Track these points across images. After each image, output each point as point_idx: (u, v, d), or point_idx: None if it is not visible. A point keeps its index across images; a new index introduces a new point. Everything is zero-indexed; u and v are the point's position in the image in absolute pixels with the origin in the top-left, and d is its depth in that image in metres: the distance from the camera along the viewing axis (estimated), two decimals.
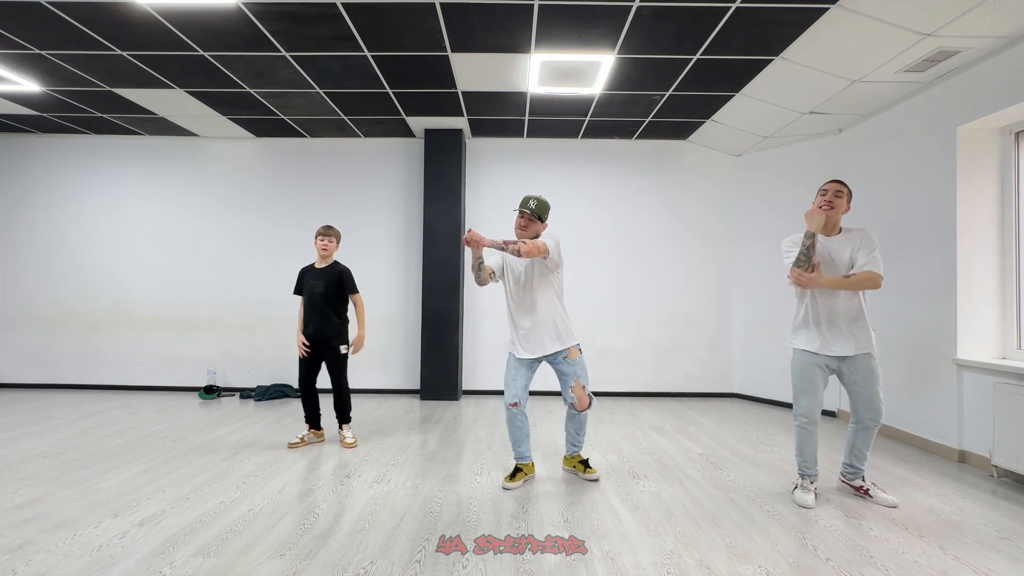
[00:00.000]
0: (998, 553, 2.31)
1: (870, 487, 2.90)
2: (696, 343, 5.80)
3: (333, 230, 3.89)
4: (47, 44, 3.78)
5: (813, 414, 2.85)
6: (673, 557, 2.23)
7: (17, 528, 2.44)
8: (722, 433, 4.29)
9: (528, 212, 2.92)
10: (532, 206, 2.92)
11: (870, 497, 2.88)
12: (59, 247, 5.92)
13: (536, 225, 2.96)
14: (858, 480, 2.95)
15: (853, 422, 2.92)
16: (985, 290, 3.60)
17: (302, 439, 3.79)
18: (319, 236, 3.82)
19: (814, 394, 2.85)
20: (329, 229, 3.88)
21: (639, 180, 5.85)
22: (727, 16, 3.27)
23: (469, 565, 2.15)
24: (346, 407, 3.87)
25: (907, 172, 4.08)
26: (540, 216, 2.94)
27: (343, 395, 3.85)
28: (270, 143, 5.93)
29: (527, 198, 2.95)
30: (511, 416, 3.04)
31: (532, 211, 2.92)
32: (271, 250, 5.89)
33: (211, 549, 2.25)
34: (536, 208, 2.92)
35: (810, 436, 2.87)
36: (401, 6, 3.23)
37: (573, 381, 3.00)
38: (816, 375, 2.84)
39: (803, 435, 2.88)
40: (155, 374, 5.89)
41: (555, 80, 4.27)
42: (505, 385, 3.05)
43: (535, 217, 2.93)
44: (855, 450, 2.93)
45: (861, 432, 2.89)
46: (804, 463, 2.90)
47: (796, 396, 2.90)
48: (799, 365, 2.88)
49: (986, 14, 2.97)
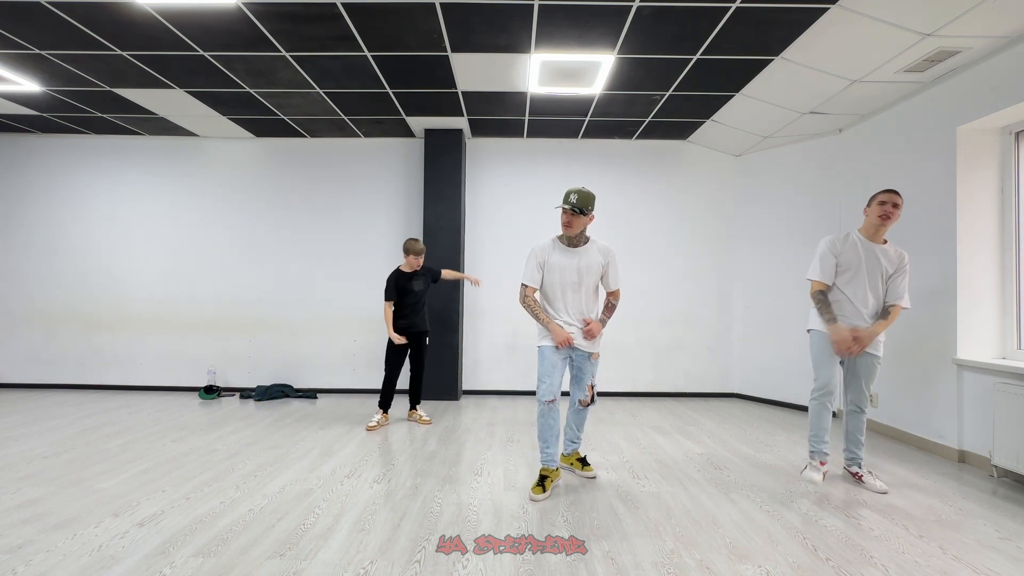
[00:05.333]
0: (998, 553, 2.31)
1: (864, 474, 3.09)
2: (696, 343, 5.80)
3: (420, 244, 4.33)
4: (47, 44, 3.78)
5: (830, 386, 3.06)
6: (673, 557, 2.23)
7: (17, 528, 2.44)
8: (722, 433, 4.29)
9: (569, 208, 2.81)
10: (574, 200, 2.79)
11: (862, 483, 3.06)
12: (59, 247, 5.92)
13: (581, 219, 2.84)
14: (854, 466, 3.14)
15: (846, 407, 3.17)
16: (985, 290, 3.60)
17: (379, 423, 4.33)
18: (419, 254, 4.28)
19: (832, 367, 3.05)
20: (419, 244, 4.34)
21: (639, 180, 5.85)
22: (727, 16, 3.27)
23: (469, 565, 2.15)
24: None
25: (907, 172, 4.08)
26: (583, 209, 2.80)
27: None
28: (270, 143, 5.93)
29: (569, 192, 2.82)
30: (546, 412, 2.93)
31: (574, 206, 2.80)
32: (271, 250, 5.89)
33: (211, 549, 2.25)
34: (578, 202, 2.79)
35: (824, 410, 3.09)
36: (401, 6, 3.23)
37: (591, 380, 3.01)
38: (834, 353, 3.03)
39: (817, 408, 3.10)
40: (155, 374, 5.89)
41: (555, 80, 4.27)
42: (540, 379, 2.92)
43: (579, 212, 2.81)
44: (849, 435, 3.16)
45: (850, 417, 3.13)
46: (816, 440, 3.12)
47: (816, 369, 3.10)
48: (818, 342, 3.08)
49: (986, 14, 2.97)
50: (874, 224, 3.01)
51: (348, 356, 5.82)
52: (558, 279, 2.93)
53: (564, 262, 2.92)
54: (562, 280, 2.92)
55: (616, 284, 3.05)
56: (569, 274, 2.92)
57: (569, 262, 2.92)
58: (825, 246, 3.08)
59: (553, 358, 2.91)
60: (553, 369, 2.90)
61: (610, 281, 3.04)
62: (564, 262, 2.92)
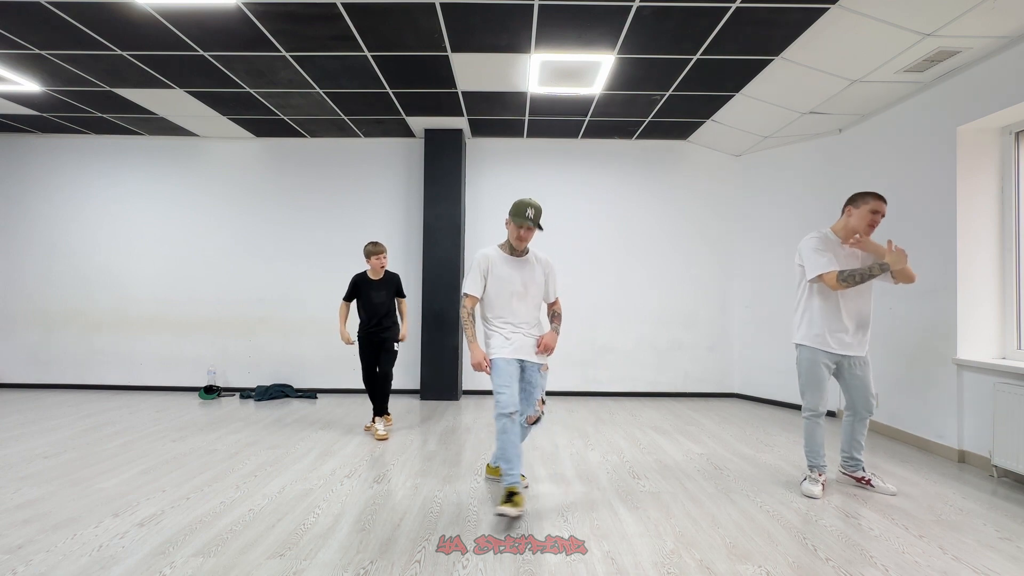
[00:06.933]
0: (998, 553, 2.31)
1: (871, 477, 3.04)
2: (696, 343, 5.80)
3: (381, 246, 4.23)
4: (47, 44, 3.78)
5: (820, 407, 2.98)
6: (673, 557, 2.23)
7: (17, 528, 2.44)
8: (722, 433, 4.29)
9: (530, 224, 2.75)
10: (532, 216, 2.73)
11: (871, 487, 3.01)
12: (59, 247, 5.92)
13: (534, 233, 2.82)
14: (859, 471, 3.08)
15: (849, 415, 3.06)
16: (985, 290, 3.60)
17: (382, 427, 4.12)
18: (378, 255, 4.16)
19: (821, 390, 2.97)
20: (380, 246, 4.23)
21: (639, 180, 5.85)
22: (727, 16, 3.27)
23: (469, 565, 2.15)
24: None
25: (907, 172, 4.07)
26: (540, 224, 2.79)
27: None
28: (270, 143, 5.93)
29: (524, 207, 2.73)
30: (508, 427, 2.66)
31: (533, 221, 2.75)
32: (271, 250, 5.89)
33: (211, 549, 2.25)
34: (536, 217, 2.75)
35: (817, 428, 3.00)
36: (401, 6, 3.23)
37: (539, 395, 2.85)
38: (823, 371, 2.96)
39: (811, 427, 3.01)
40: (155, 374, 5.88)
41: (555, 80, 4.27)
42: (498, 390, 2.69)
43: (537, 227, 2.78)
44: (854, 442, 3.07)
45: (858, 424, 3.03)
46: (812, 454, 3.02)
47: (803, 391, 3.02)
48: (807, 362, 2.98)
49: (986, 14, 2.97)
50: (858, 230, 2.86)
51: (348, 356, 5.82)
52: (505, 288, 2.83)
53: (509, 272, 2.84)
54: (509, 290, 2.83)
55: (555, 294, 3.02)
56: (515, 284, 2.84)
57: (513, 272, 2.85)
58: (814, 240, 2.92)
59: (509, 368, 2.75)
60: (511, 379, 2.74)
61: (550, 293, 2.99)
62: (509, 272, 2.84)
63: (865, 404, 2.99)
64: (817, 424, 2.99)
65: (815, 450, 3.00)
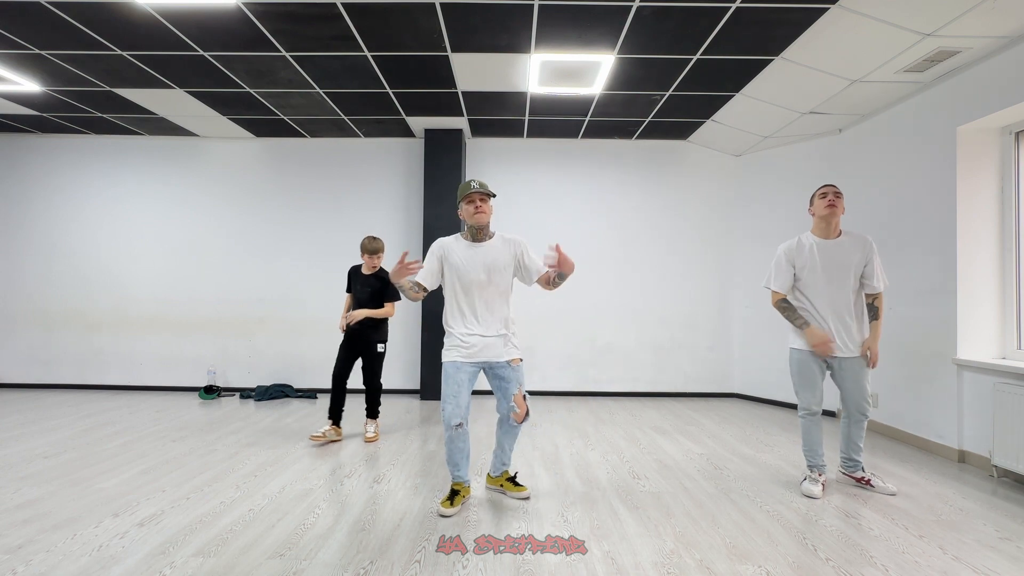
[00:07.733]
0: (998, 553, 2.31)
1: (871, 477, 3.05)
2: (696, 343, 5.80)
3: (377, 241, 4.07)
4: (47, 44, 3.78)
5: (815, 408, 3.01)
6: (673, 557, 2.23)
7: (17, 528, 2.44)
8: (722, 433, 4.29)
9: (478, 192, 2.62)
10: (476, 185, 2.64)
11: (871, 487, 3.02)
12: (59, 247, 5.92)
13: (489, 204, 2.69)
14: (858, 471, 3.09)
15: (845, 416, 3.08)
16: (985, 290, 3.60)
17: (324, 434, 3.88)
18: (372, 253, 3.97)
19: (814, 390, 3.01)
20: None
21: (639, 180, 5.85)
22: (727, 16, 3.27)
23: (469, 565, 2.15)
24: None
25: (907, 172, 4.07)
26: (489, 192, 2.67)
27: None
28: (270, 143, 5.93)
29: (467, 183, 2.66)
30: (455, 437, 2.62)
31: (480, 189, 2.63)
32: (271, 250, 5.89)
33: (211, 549, 2.25)
34: (481, 186, 2.64)
35: (814, 428, 3.02)
36: (401, 6, 3.23)
37: (516, 389, 2.68)
38: (815, 372, 2.99)
39: (808, 427, 3.03)
40: (155, 374, 5.88)
41: (555, 80, 4.27)
42: (445, 400, 2.60)
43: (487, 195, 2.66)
44: (851, 443, 3.08)
45: (854, 426, 3.04)
46: (811, 454, 3.04)
47: (797, 390, 3.06)
48: (797, 363, 3.04)
49: (986, 14, 2.97)
50: (824, 217, 2.93)
51: None
52: (462, 278, 2.63)
53: (470, 256, 2.64)
54: (466, 279, 2.63)
55: (543, 269, 2.69)
56: (475, 271, 2.62)
57: (475, 256, 2.64)
58: (781, 253, 3.01)
59: (458, 376, 2.60)
60: (459, 389, 2.59)
61: (531, 271, 2.72)
62: (470, 256, 2.64)
63: (858, 406, 2.97)
64: (813, 423, 3.01)
65: (813, 449, 3.02)
